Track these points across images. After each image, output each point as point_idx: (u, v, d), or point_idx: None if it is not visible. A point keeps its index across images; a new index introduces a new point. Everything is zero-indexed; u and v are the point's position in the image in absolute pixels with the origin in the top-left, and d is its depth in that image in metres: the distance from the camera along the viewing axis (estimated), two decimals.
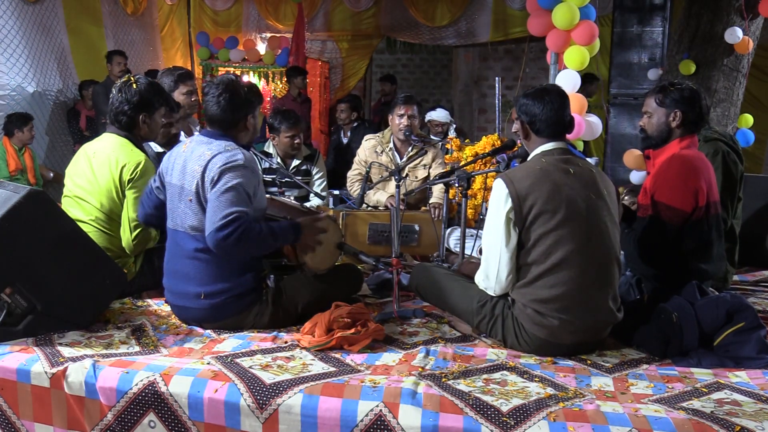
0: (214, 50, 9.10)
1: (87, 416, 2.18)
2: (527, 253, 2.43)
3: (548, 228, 2.39)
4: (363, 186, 3.59)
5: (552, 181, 2.42)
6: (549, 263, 2.39)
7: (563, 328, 2.41)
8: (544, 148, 2.54)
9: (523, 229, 2.41)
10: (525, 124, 2.57)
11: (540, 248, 2.40)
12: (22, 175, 5.80)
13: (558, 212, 2.39)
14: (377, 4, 8.81)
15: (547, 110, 2.50)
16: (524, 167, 2.54)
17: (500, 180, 2.45)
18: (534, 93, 2.55)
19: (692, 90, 2.90)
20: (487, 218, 2.51)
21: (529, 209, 2.39)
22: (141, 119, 3.05)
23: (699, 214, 2.80)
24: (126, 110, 3.01)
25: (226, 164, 2.54)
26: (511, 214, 2.41)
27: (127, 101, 3.01)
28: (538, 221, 2.39)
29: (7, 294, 2.44)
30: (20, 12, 6.14)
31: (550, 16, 4.85)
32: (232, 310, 2.66)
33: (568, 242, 2.39)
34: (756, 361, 2.41)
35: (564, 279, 2.39)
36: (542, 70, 7.95)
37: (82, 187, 3.00)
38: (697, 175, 2.81)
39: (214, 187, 2.52)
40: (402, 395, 2.03)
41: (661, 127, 2.93)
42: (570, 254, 2.38)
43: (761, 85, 7.22)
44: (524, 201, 2.40)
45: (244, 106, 2.70)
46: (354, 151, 4.84)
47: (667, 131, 2.93)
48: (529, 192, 2.40)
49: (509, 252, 2.43)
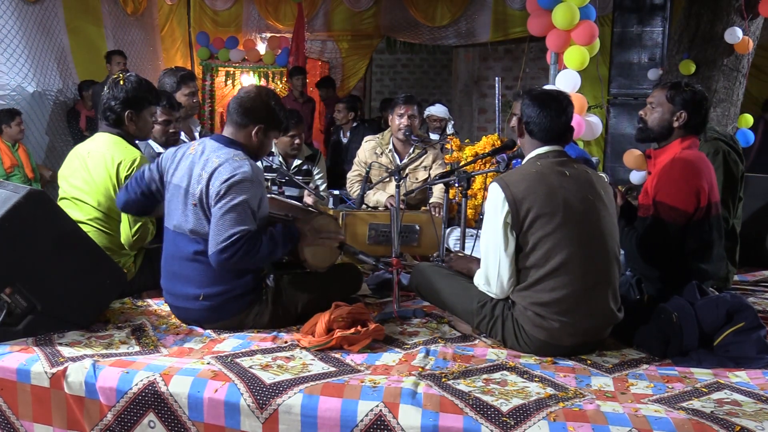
0: (214, 50, 9.10)
1: (87, 416, 2.18)
2: (526, 257, 2.42)
3: (546, 231, 2.38)
4: (363, 187, 3.59)
5: (548, 184, 2.42)
6: (549, 267, 2.38)
7: (563, 330, 2.40)
8: (539, 151, 2.54)
9: (520, 233, 2.41)
10: (521, 122, 2.57)
11: (539, 252, 2.39)
12: (18, 171, 5.78)
13: (556, 215, 2.38)
14: (377, 4, 8.81)
15: (544, 116, 2.49)
16: (520, 171, 2.53)
17: (496, 184, 2.44)
18: (538, 95, 2.54)
19: (702, 94, 2.89)
20: (485, 223, 2.50)
21: (526, 213, 2.39)
22: (127, 116, 3.04)
23: (700, 215, 2.80)
24: (113, 106, 3.02)
25: (231, 178, 2.50)
26: (508, 219, 2.40)
27: (114, 98, 3.01)
28: (536, 225, 2.39)
29: (7, 294, 2.44)
30: (20, 12, 6.14)
31: (550, 16, 4.85)
32: (231, 311, 2.65)
33: (567, 245, 2.38)
34: (756, 361, 2.40)
35: (564, 282, 2.38)
36: (542, 70, 7.95)
37: (78, 187, 3.00)
38: (699, 176, 2.81)
39: (219, 202, 2.50)
40: (402, 395, 2.03)
41: (663, 124, 2.91)
42: (569, 257, 2.38)
43: (762, 85, 7.22)
44: (521, 205, 2.39)
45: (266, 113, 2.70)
46: (353, 152, 4.84)
47: (667, 129, 2.91)
48: (525, 196, 2.39)
49: (509, 256, 2.43)
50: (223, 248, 2.46)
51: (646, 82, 5.97)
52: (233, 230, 2.47)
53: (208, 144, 2.68)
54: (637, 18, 6.09)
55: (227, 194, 2.50)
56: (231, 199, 2.49)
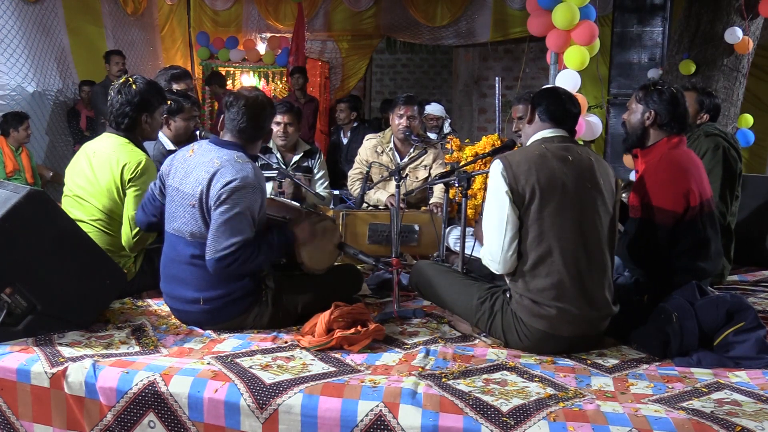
0: (214, 50, 9.10)
1: (86, 416, 2.18)
2: (522, 239, 2.45)
3: (542, 214, 2.42)
4: (363, 186, 3.58)
5: (549, 168, 2.45)
6: (542, 250, 2.42)
7: (561, 317, 2.41)
8: (544, 134, 2.57)
9: (522, 208, 2.44)
10: (534, 109, 2.62)
11: (533, 234, 2.43)
12: (19, 175, 5.78)
13: (552, 199, 2.42)
14: (377, 4, 8.81)
15: (557, 101, 2.58)
16: (523, 151, 2.57)
17: (498, 160, 2.49)
18: (552, 88, 2.71)
19: (672, 92, 2.86)
20: (487, 199, 2.54)
21: (524, 192, 2.42)
22: (143, 119, 3.04)
23: (693, 214, 2.79)
24: (128, 112, 2.99)
25: (233, 182, 2.50)
26: (509, 192, 2.43)
27: (128, 102, 2.99)
28: (532, 207, 2.42)
29: (7, 294, 2.44)
30: (20, 12, 6.14)
31: (550, 16, 4.85)
32: (232, 313, 2.65)
33: (561, 229, 2.41)
34: (756, 361, 2.40)
35: (557, 267, 2.41)
36: (542, 70, 7.95)
37: (82, 187, 3.00)
38: (686, 177, 2.80)
39: (219, 207, 2.50)
40: (402, 395, 2.03)
41: (636, 125, 2.92)
42: (563, 241, 2.41)
43: (763, 85, 7.22)
44: (519, 183, 2.43)
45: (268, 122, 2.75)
46: (353, 152, 4.84)
47: (641, 130, 2.91)
48: (525, 176, 2.43)
49: (512, 229, 2.44)
50: (221, 257, 2.48)
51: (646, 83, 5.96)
52: (232, 240, 2.48)
53: (207, 147, 2.69)
54: (637, 18, 6.09)
55: (228, 200, 2.50)
56: (232, 206, 2.49)
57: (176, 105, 3.61)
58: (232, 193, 2.50)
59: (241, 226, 2.50)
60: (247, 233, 2.52)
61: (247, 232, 2.52)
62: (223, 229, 2.49)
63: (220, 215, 2.50)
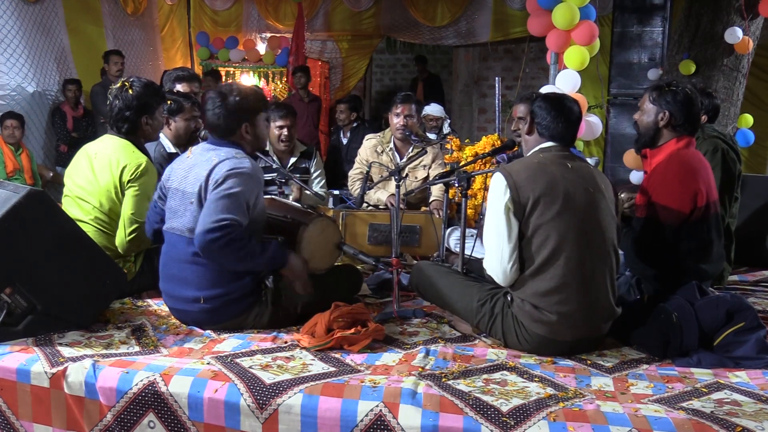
0: (214, 50, 9.09)
1: (86, 417, 2.18)
2: (526, 244, 2.44)
3: (545, 219, 2.41)
4: (363, 186, 3.58)
5: (550, 173, 2.45)
6: (546, 254, 2.40)
7: (562, 322, 2.41)
8: (542, 145, 2.58)
9: (522, 219, 2.43)
10: (534, 121, 2.60)
11: (538, 239, 2.42)
12: (19, 176, 5.78)
13: (555, 203, 2.41)
14: (377, 4, 8.80)
15: (559, 121, 2.53)
16: (522, 161, 2.57)
17: (498, 172, 2.49)
18: (554, 98, 2.60)
19: (687, 93, 2.85)
20: (488, 211, 2.53)
21: (527, 199, 2.41)
22: (144, 121, 3.06)
23: (698, 214, 2.79)
24: (127, 116, 3.01)
25: (232, 169, 2.54)
26: (510, 204, 2.43)
27: (127, 107, 3.00)
28: (536, 212, 2.41)
29: (7, 294, 2.44)
30: (20, 12, 6.14)
31: (550, 16, 4.86)
32: (231, 313, 2.65)
33: (565, 233, 2.40)
34: (756, 361, 2.41)
35: (562, 271, 2.40)
36: (542, 70, 7.95)
37: (82, 187, 3.00)
38: (695, 177, 2.80)
39: (216, 188, 2.52)
40: (402, 395, 2.03)
41: (649, 126, 2.91)
42: (567, 245, 2.40)
43: (763, 85, 7.22)
44: (522, 191, 2.42)
45: (237, 114, 2.67)
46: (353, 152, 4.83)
47: (654, 130, 2.90)
48: (526, 183, 2.42)
49: (511, 242, 2.44)
50: (210, 229, 2.44)
51: (646, 82, 5.96)
52: (225, 215, 2.47)
53: (205, 147, 2.71)
54: (637, 18, 6.08)
55: (225, 182, 2.52)
56: (228, 187, 2.51)
57: (176, 105, 3.61)
58: (230, 177, 2.53)
59: (233, 206, 2.49)
60: (239, 215, 2.50)
61: (240, 215, 2.51)
62: (215, 205, 2.49)
63: (216, 194, 2.51)
